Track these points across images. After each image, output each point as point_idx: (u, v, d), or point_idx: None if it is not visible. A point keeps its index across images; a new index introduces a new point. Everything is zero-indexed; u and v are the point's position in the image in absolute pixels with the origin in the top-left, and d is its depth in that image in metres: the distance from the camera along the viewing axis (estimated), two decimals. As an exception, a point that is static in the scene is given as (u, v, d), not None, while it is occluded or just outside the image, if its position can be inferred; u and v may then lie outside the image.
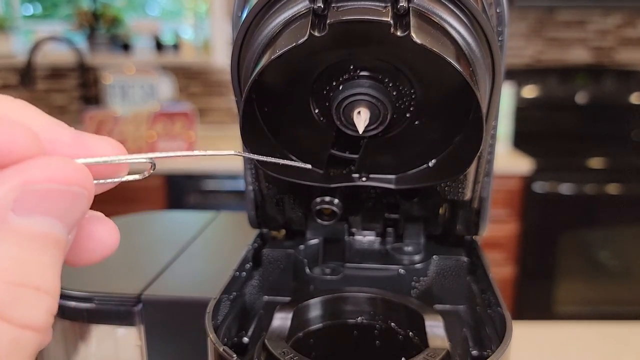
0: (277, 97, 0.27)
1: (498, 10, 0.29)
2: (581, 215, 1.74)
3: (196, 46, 2.26)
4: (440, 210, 0.37)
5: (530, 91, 1.99)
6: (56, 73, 2.16)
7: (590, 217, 1.74)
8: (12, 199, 0.13)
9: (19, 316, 0.13)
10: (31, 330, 0.13)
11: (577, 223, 1.75)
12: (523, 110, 1.92)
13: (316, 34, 0.23)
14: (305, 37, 0.23)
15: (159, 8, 2.44)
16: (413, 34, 0.22)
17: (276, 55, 0.23)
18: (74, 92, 2.14)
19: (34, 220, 0.14)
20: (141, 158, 0.18)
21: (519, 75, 1.96)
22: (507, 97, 1.76)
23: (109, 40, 2.19)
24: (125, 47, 2.19)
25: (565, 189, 1.69)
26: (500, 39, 0.29)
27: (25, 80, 1.86)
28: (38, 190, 0.14)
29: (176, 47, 2.22)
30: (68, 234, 0.15)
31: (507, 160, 1.71)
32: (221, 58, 2.07)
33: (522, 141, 1.81)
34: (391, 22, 0.23)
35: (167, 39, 2.27)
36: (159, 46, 2.19)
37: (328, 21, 0.23)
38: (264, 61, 0.24)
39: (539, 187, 1.70)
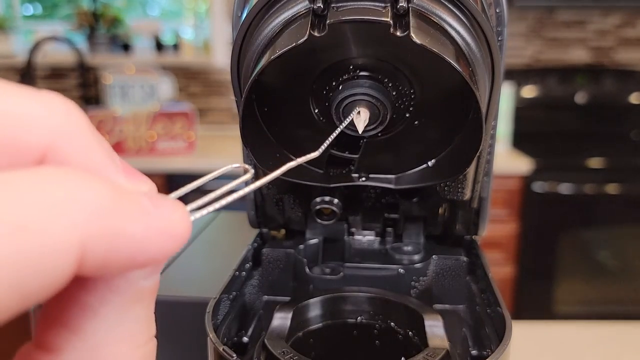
0: (277, 97, 0.27)
1: (497, 10, 0.29)
2: (580, 215, 1.74)
3: (196, 46, 2.26)
4: (440, 210, 0.37)
5: (529, 91, 1.99)
6: (56, 73, 2.16)
7: (589, 217, 1.74)
8: (144, 275, 0.14)
9: None
10: None
11: (577, 223, 1.75)
12: (522, 110, 1.92)
13: (316, 34, 0.23)
14: (305, 37, 0.23)
15: (159, 8, 2.44)
16: (412, 34, 0.22)
17: (276, 55, 0.23)
18: (74, 92, 2.14)
19: (154, 279, 0.14)
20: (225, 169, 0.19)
21: (518, 75, 1.96)
22: (506, 97, 1.76)
23: (109, 40, 2.19)
24: (126, 47, 2.19)
25: (565, 188, 1.69)
26: (499, 39, 0.29)
27: (26, 80, 1.86)
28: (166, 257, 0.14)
29: (176, 47, 2.22)
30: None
31: (507, 160, 1.71)
32: (221, 58, 2.07)
33: (521, 141, 1.81)
34: (391, 22, 0.23)
35: (167, 39, 2.27)
36: (159, 46, 2.19)
37: (328, 21, 0.23)
38: (263, 61, 0.24)
39: (538, 187, 1.70)
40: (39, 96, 0.13)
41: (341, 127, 0.25)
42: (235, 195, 0.17)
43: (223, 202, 0.16)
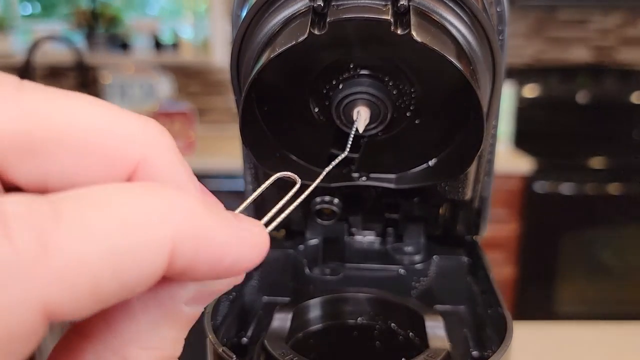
0: (277, 96, 0.27)
1: (498, 10, 0.29)
2: (582, 215, 1.74)
3: (195, 45, 2.26)
4: (441, 210, 0.37)
5: (530, 91, 1.99)
6: (55, 72, 2.16)
7: (591, 217, 1.74)
8: (190, 295, 0.15)
9: None
10: None
11: (578, 223, 1.75)
12: (524, 109, 1.92)
13: (316, 32, 0.23)
14: (305, 35, 0.23)
15: (158, 7, 2.44)
16: (413, 32, 0.22)
17: (276, 53, 0.23)
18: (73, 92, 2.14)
19: (197, 309, 0.15)
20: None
21: (519, 75, 1.96)
22: (507, 97, 1.76)
23: (108, 39, 2.19)
24: (124, 46, 2.19)
25: (566, 188, 1.69)
26: (500, 38, 0.29)
27: (24, 79, 1.85)
28: (212, 290, 0.15)
29: (175, 46, 2.21)
30: None
31: (508, 160, 1.71)
32: (220, 57, 2.07)
33: (522, 141, 1.81)
34: (391, 20, 0.22)
35: (166, 38, 2.27)
36: (158, 45, 2.19)
37: (328, 19, 0.23)
38: (263, 59, 0.24)
39: (539, 187, 1.69)
40: (137, 116, 0.15)
41: (356, 126, 0.25)
42: (293, 206, 0.19)
43: (284, 214, 0.18)
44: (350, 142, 0.24)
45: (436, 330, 0.28)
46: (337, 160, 0.24)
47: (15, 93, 0.15)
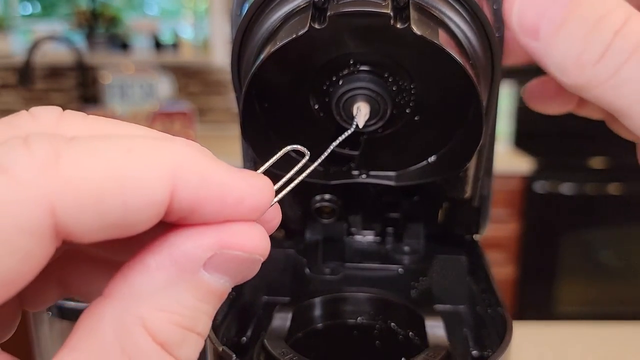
0: (277, 93, 0.27)
1: (495, 7, 0.29)
2: (582, 215, 1.74)
3: (195, 45, 2.26)
4: (441, 210, 0.37)
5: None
6: (55, 72, 2.16)
7: (591, 216, 1.74)
8: (206, 256, 0.15)
9: (183, 356, 0.15)
10: None
11: (578, 223, 1.75)
12: (523, 109, 1.92)
13: (316, 26, 0.23)
14: (306, 29, 0.23)
15: (158, 7, 2.44)
16: (413, 26, 0.22)
17: (277, 46, 0.23)
18: (73, 92, 2.14)
19: (216, 277, 0.15)
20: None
21: (519, 74, 1.96)
22: (507, 97, 1.76)
23: (108, 39, 2.19)
24: (124, 46, 2.19)
25: (566, 188, 1.69)
26: (498, 35, 0.29)
27: (24, 79, 1.85)
28: (229, 255, 0.15)
29: (175, 46, 2.22)
30: (231, 287, 0.17)
31: (508, 159, 1.71)
32: (220, 57, 2.07)
33: (522, 141, 1.81)
34: (391, 14, 0.22)
35: (166, 38, 2.27)
36: (158, 45, 2.19)
37: (328, 13, 0.23)
38: (264, 54, 0.24)
39: (539, 186, 1.69)
40: (156, 149, 0.15)
41: (356, 121, 0.25)
42: (300, 178, 0.19)
43: (291, 186, 0.19)
44: (347, 134, 0.24)
45: (436, 329, 0.28)
46: (344, 135, 0.24)
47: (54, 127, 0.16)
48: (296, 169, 0.19)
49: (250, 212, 0.16)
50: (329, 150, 0.22)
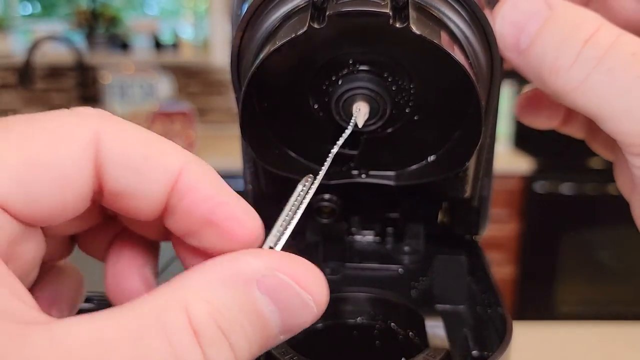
0: (276, 93, 0.27)
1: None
2: (582, 216, 1.74)
3: (195, 45, 2.26)
4: (440, 210, 0.37)
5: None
6: (55, 72, 2.16)
7: (591, 217, 1.74)
8: (262, 272, 0.16)
9: (209, 355, 0.15)
10: None
11: (578, 223, 1.75)
12: (523, 109, 1.92)
13: (316, 25, 0.23)
14: (305, 28, 0.23)
15: (158, 7, 2.44)
16: (412, 26, 0.22)
17: (276, 46, 0.23)
18: (73, 92, 2.14)
19: (265, 301, 0.16)
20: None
21: (519, 75, 1.96)
22: (507, 97, 1.76)
23: (108, 39, 2.19)
24: (124, 46, 2.19)
25: (566, 188, 1.69)
26: None
27: (24, 79, 1.85)
28: (281, 280, 0.16)
29: (175, 46, 2.22)
30: (280, 334, 0.17)
31: (508, 160, 1.71)
32: (220, 57, 2.07)
33: (522, 141, 1.81)
34: (390, 13, 0.22)
35: (166, 38, 2.27)
36: (158, 45, 2.19)
37: (327, 13, 0.23)
38: (263, 54, 0.24)
39: (539, 187, 1.69)
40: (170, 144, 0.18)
41: (355, 121, 0.25)
42: (303, 208, 0.20)
43: (295, 221, 0.19)
44: (346, 135, 0.24)
45: (436, 329, 0.28)
46: (343, 137, 0.24)
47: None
48: (295, 197, 0.20)
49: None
50: (330, 157, 0.22)
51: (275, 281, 0.16)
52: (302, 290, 0.16)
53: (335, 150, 0.23)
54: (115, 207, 0.18)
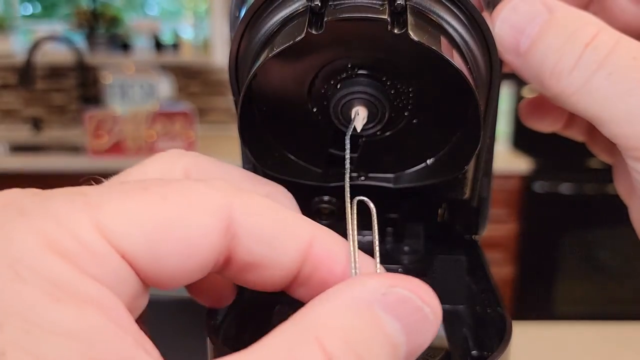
0: (275, 97, 0.27)
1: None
2: (581, 216, 1.74)
3: (196, 46, 2.26)
4: (440, 210, 0.37)
5: (529, 91, 1.99)
6: (55, 72, 2.16)
7: (590, 217, 1.74)
8: (381, 291, 0.15)
9: None
10: None
11: (577, 223, 1.75)
12: (523, 110, 1.92)
13: (313, 31, 0.23)
14: (303, 35, 0.23)
15: (159, 7, 2.44)
16: (410, 32, 0.22)
17: (273, 53, 0.23)
18: (73, 92, 2.14)
19: (389, 319, 0.15)
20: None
21: (518, 75, 1.96)
22: (506, 97, 1.76)
23: (109, 39, 2.19)
24: (125, 46, 2.19)
25: (565, 188, 1.69)
26: None
27: (25, 79, 1.85)
28: (400, 294, 0.16)
29: (176, 46, 2.21)
30: (405, 355, 0.16)
31: (507, 160, 1.71)
32: (221, 58, 2.07)
33: (521, 141, 1.81)
34: (388, 19, 0.23)
35: (167, 38, 2.27)
36: (159, 46, 2.19)
37: (325, 19, 0.23)
38: (261, 59, 0.24)
39: (538, 186, 1.70)
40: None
41: (354, 125, 0.25)
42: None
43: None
44: (348, 138, 0.24)
45: (435, 329, 0.28)
46: (347, 142, 0.24)
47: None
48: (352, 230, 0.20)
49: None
50: (347, 169, 0.23)
51: (396, 297, 0.16)
52: (423, 302, 0.16)
53: (348, 160, 0.23)
54: (241, 279, 0.18)
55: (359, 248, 0.38)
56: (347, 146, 0.24)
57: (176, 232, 0.15)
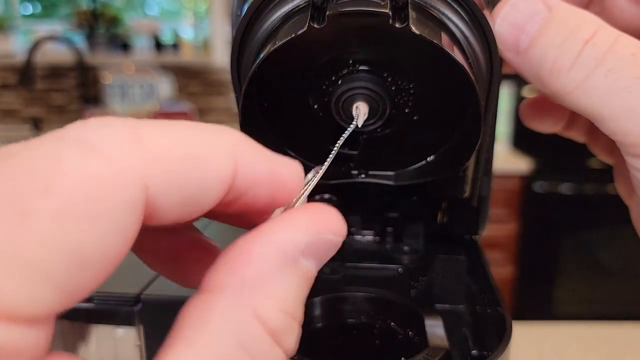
0: (277, 93, 0.27)
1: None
2: (581, 215, 1.74)
3: (196, 46, 2.26)
4: (440, 210, 0.37)
5: (529, 91, 1.99)
6: (55, 72, 2.16)
7: (590, 217, 1.74)
8: (305, 242, 0.16)
9: (286, 344, 0.15)
10: (287, 356, 0.16)
11: (577, 223, 1.75)
12: (523, 110, 1.92)
13: (315, 25, 0.23)
14: (305, 29, 0.23)
15: (159, 7, 2.44)
16: (411, 26, 0.22)
17: (276, 46, 0.23)
18: (74, 92, 2.14)
19: (310, 263, 0.16)
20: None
21: (518, 75, 1.96)
22: (506, 97, 1.76)
23: (109, 39, 2.19)
24: (125, 46, 2.19)
25: (565, 188, 1.69)
26: None
27: (25, 79, 1.85)
28: (324, 239, 0.16)
29: (176, 46, 2.22)
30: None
31: (507, 159, 1.71)
32: (221, 57, 2.07)
33: (521, 141, 1.81)
34: (390, 13, 0.23)
35: (167, 38, 2.27)
36: (159, 46, 2.19)
37: (327, 13, 0.23)
38: (263, 54, 0.24)
39: (538, 186, 1.70)
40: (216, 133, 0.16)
41: (355, 121, 0.25)
42: (310, 186, 0.20)
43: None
44: (346, 135, 0.24)
45: (435, 329, 0.28)
46: (344, 137, 0.24)
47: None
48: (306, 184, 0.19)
49: (290, 194, 0.17)
50: (333, 153, 0.22)
51: (317, 244, 0.16)
52: (339, 236, 0.16)
53: (335, 149, 0.23)
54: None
55: (359, 248, 0.38)
56: (344, 136, 0.24)
57: (196, 165, 0.15)
